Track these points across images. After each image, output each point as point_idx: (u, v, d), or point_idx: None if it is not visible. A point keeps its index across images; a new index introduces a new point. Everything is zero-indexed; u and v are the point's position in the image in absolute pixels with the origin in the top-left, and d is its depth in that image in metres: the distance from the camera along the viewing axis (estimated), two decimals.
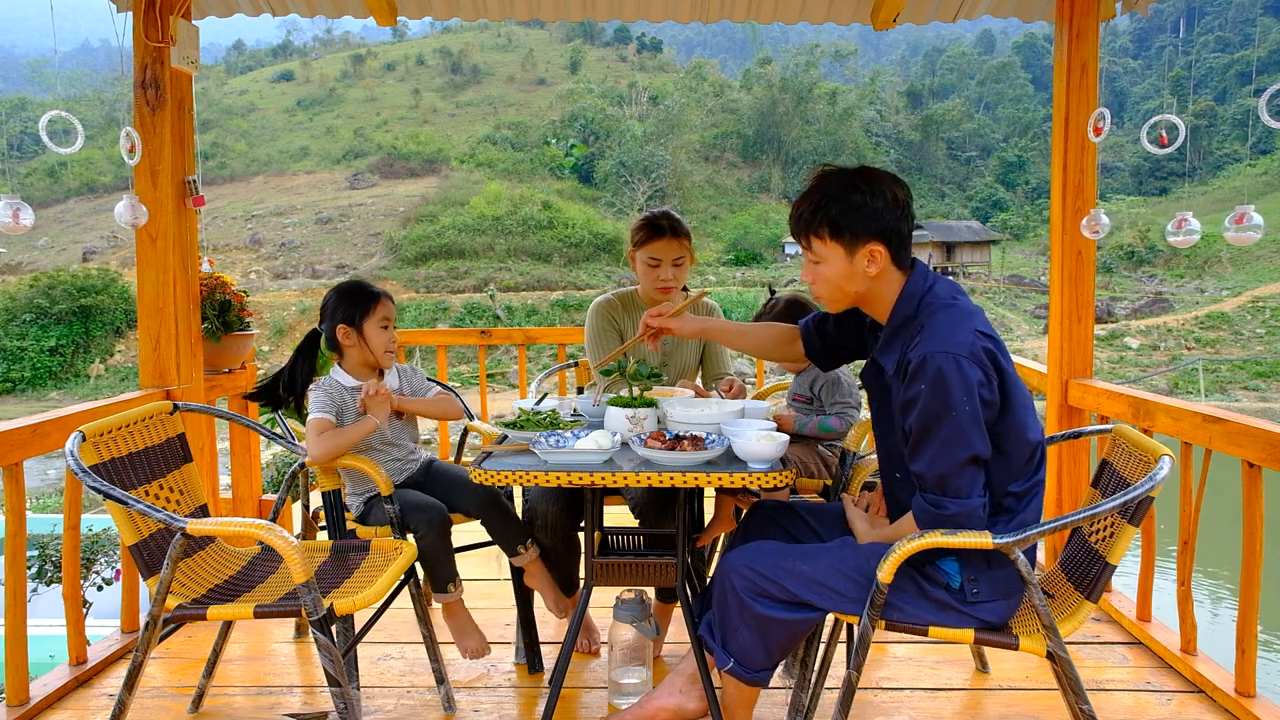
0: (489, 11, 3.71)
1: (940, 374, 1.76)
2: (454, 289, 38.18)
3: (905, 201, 1.91)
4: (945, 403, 1.76)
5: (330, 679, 1.97)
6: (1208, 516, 2.61)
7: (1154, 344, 31.90)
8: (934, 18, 3.65)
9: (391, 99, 65.68)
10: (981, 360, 1.78)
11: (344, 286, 2.65)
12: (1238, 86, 63.41)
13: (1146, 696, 2.55)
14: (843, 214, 1.88)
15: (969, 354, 1.77)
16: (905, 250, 1.93)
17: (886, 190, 1.88)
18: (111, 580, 4.31)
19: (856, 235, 1.88)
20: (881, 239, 1.88)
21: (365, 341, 2.57)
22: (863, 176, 1.90)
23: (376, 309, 2.57)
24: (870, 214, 1.87)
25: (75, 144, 2.66)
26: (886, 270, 1.91)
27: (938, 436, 1.78)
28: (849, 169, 1.93)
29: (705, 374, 3.09)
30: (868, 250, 1.89)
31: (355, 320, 2.56)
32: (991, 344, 1.82)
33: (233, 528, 1.95)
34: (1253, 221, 2.58)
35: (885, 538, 1.96)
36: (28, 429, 2.42)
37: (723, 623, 1.99)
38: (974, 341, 1.79)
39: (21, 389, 29.83)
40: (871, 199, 1.87)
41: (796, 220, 1.96)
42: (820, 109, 60.43)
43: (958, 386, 1.75)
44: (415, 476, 2.67)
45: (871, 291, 1.95)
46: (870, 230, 1.88)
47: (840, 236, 1.89)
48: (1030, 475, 1.89)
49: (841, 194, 1.89)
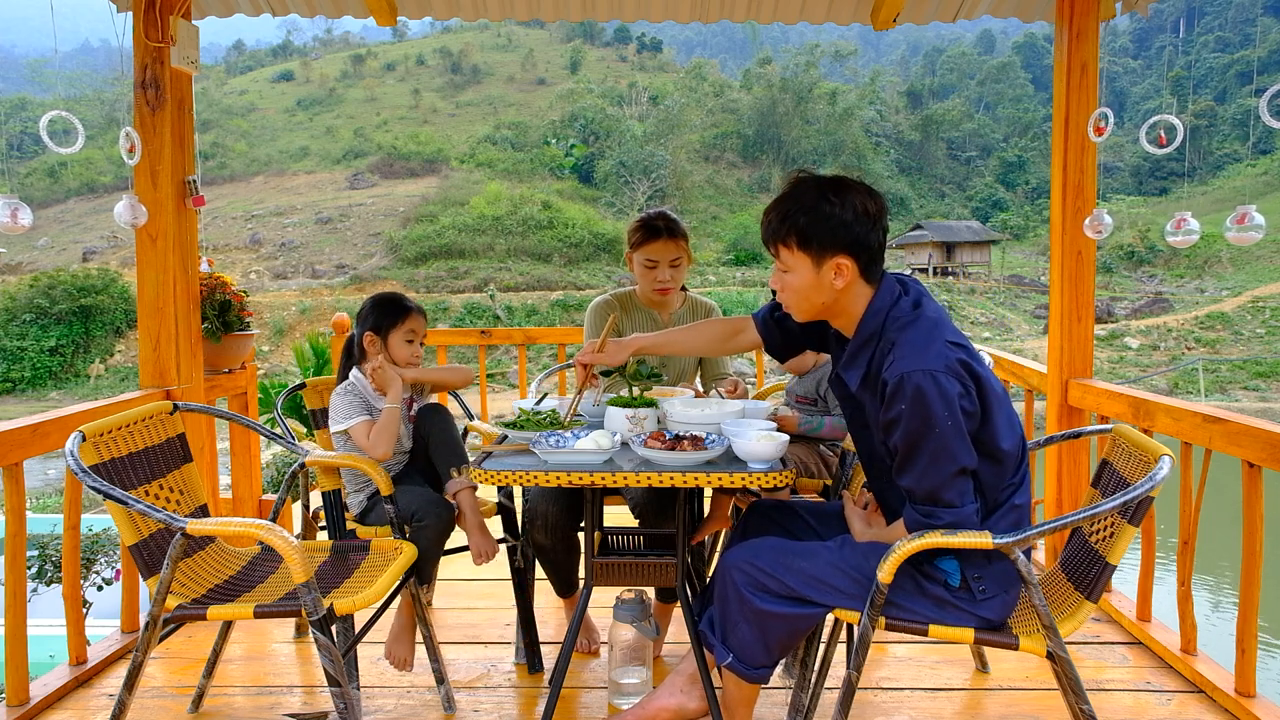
0: (489, 11, 3.71)
1: (919, 392, 1.75)
2: (454, 289, 38.17)
3: (876, 214, 1.87)
4: (927, 420, 1.76)
5: (330, 679, 1.97)
6: (1208, 516, 2.61)
7: (1154, 344, 31.89)
8: (934, 18, 3.65)
9: (391, 99, 65.65)
10: (958, 372, 1.78)
11: (381, 296, 2.74)
12: (1238, 86, 63.42)
13: (1146, 696, 2.55)
14: (810, 224, 1.85)
15: (945, 368, 1.77)
16: (875, 264, 1.91)
17: (857, 202, 1.85)
18: (111, 580, 4.31)
19: (824, 246, 1.85)
20: (849, 252, 1.85)
21: (389, 351, 2.66)
22: (834, 186, 1.86)
23: (405, 322, 2.67)
24: (838, 225, 1.84)
25: (75, 144, 2.66)
26: (854, 284, 1.89)
27: (924, 453, 1.78)
28: (822, 178, 1.89)
29: (704, 375, 3.10)
30: (834, 263, 1.86)
31: (382, 329, 2.66)
32: (964, 353, 1.82)
33: (232, 527, 1.95)
34: (1254, 221, 2.58)
35: (882, 538, 1.97)
36: (28, 429, 2.42)
37: (723, 618, 1.99)
38: (947, 355, 1.79)
39: (21, 389, 29.82)
40: (840, 210, 1.84)
41: (765, 227, 1.94)
42: (820, 109, 60.38)
43: (938, 403, 1.75)
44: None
45: (839, 304, 1.92)
46: (838, 243, 1.85)
47: (808, 247, 1.87)
48: (1014, 471, 1.90)
49: (811, 203, 1.86)
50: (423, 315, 2.74)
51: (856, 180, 1.92)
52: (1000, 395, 1.87)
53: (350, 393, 2.61)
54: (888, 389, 1.81)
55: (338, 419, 2.59)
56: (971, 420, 1.80)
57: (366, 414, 2.59)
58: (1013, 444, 1.87)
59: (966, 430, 1.79)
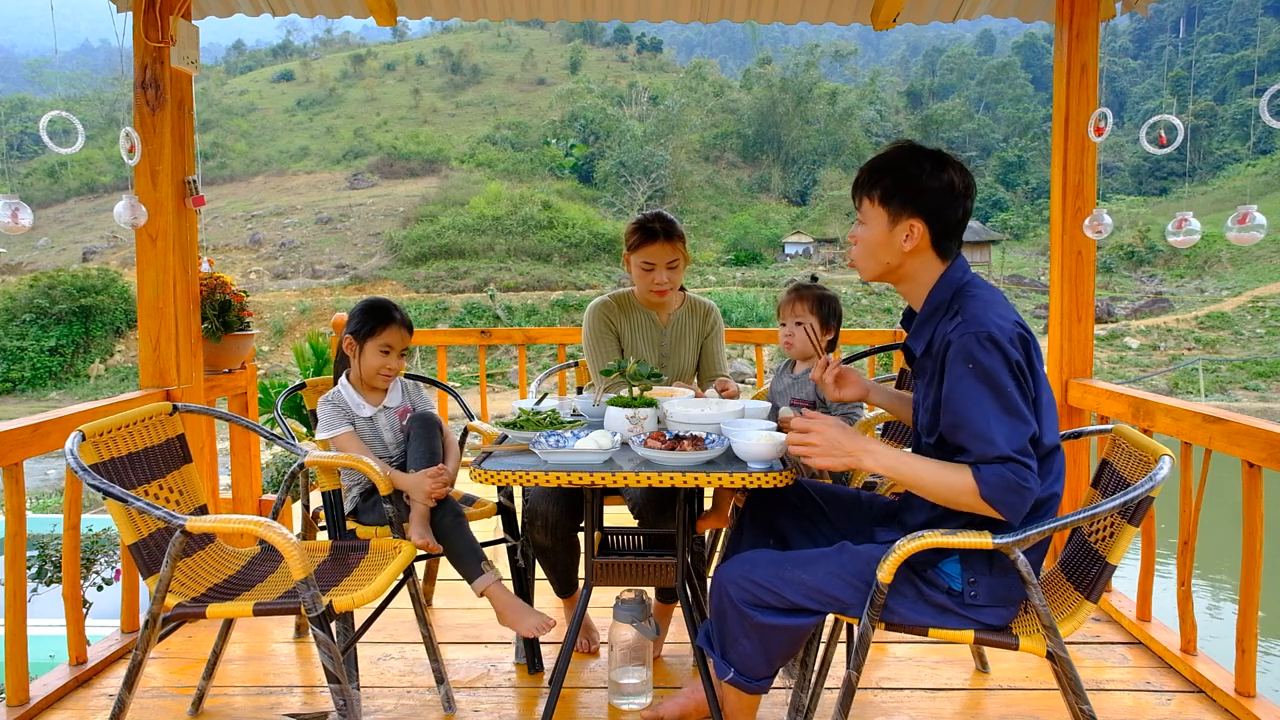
0: (489, 11, 3.71)
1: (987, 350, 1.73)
2: (454, 289, 38.18)
3: (962, 190, 1.88)
4: (996, 380, 1.73)
5: (329, 676, 1.97)
6: (1208, 516, 2.61)
7: (1154, 344, 31.89)
8: (934, 18, 3.65)
9: (391, 99, 65.66)
10: (1019, 345, 1.77)
11: (369, 302, 2.70)
12: (1238, 86, 63.36)
13: (1146, 696, 2.55)
14: (895, 182, 1.89)
15: (1010, 338, 1.75)
16: (949, 239, 1.91)
17: (947, 174, 1.87)
18: (111, 580, 4.31)
19: (903, 206, 1.88)
20: (923, 217, 1.87)
21: (362, 358, 2.63)
22: (930, 155, 1.89)
23: (383, 333, 2.62)
24: (920, 190, 1.86)
25: (75, 144, 2.66)
26: (923, 252, 1.90)
27: (998, 410, 1.72)
28: (922, 147, 1.92)
29: (701, 375, 3.09)
30: (908, 224, 1.87)
31: (360, 336, 2.62)
32: (1029, 336, 1.81)
33: (232, 525, 1.96)
34: (1256, 221, 2.58)
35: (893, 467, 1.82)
36: (28, 429, 2.42)
37: (721, 634, 1.98)
38: (1013, 328, 1.78)
39: (21, 389, 29.82)
40: (927, 177, 1.86)
41: (856, 179, 1.98)
42: (820, 109, 60.35)
43: (1004, 362, 1.73)
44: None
45: (905, 269, 1.93)
46: (916, 205, 1.87)
47: (888, 203, 1.89)
48: (1058, 480, 1.88)
49: (903, 164, 1.89)
50: (406, 329, 2.66)
51: (954, 156, 1.93)
52: (1048, 396, 1.85)
53: (333, 403, 2.62)
54: (950, 350, 1.77)
55: (322, 429, 2.62)
56: (1027, 395, 1.77)
57: (349, 425, 2.60)
58: (1051, 440, 1.84)
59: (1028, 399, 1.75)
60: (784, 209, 52.69)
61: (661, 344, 3.01)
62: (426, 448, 2.56)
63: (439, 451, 2.59)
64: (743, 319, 34.03)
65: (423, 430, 2.60)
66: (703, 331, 3.06)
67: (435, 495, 2.46)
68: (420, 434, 2.59)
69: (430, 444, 2.58)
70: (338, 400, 2.63)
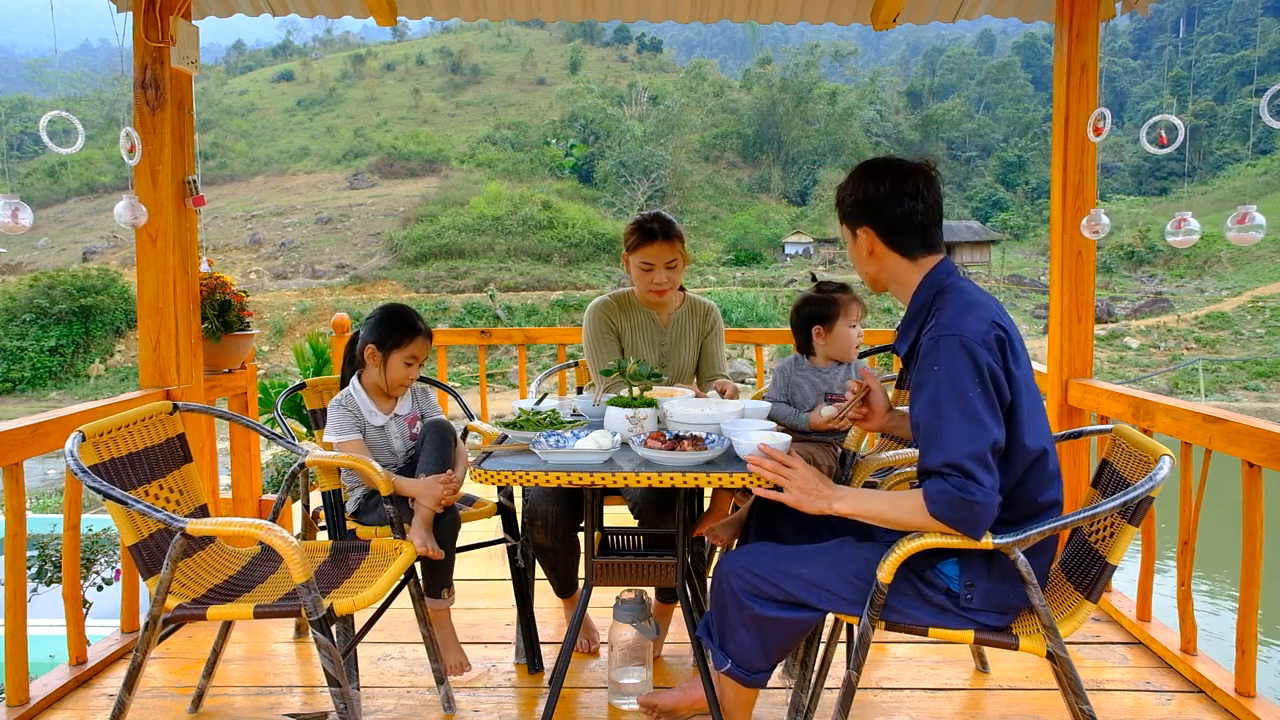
0: (489, 11, 3.71)
1: (952, 354, 1.74)
2: (454, 289, 38.19)
3: (891, 192, 1.92)
4: (957, 381, 1.72)
5: (330, 679, 1.97)
6: (1208, 516, 2.61)
7: (1154, 344, 31.90)
8: (934, 18, 3.65)
9: (391, 99, 65.66)
10: (992, 348, 1.76)
11: (392, 310, 2.67)
12: (1238, 86, 63.35)
13: (1146, 696, 2.55)
14: (838, 203, 2.06)
15: (982, 341, 1.75)
16: (900, 236, 1.94)
17: (876, 178, 1.95)
18: (111, 580, 4.31)
19: (851, 220, 2.01)
20: (868, 223, 1.97)
21: (387, 368, 2.61)
22: (862, 167, 2.01)
23: (410, 345, 2.61)
24: (853, 204, 1.99)
25: (75, 144, 2.66)
26: (886, 254, 1.96)
27: (954, 417, 1.71)
28: (865, 161, 2.03)
29: (701, 375, 3.09)
30: (861, 233, 1.99)
31: (385, 346, 2.60)
32: (1005, 336, 1.80)
33: (232, 527, 1.95)
34: (1255, 221, 2.58)
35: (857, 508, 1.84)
36: (28, 429, 2.42)
37: (720, 624, 2.00)
38: (987, 331, 1.77)
39: (21, 389, 29.84)
40: (853, 189, 1.99)
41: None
42: (820, 109, 60.35)
43: (967, 370, 1.72)
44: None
45: (884, 275, 2.01)
46: (856, 216, 1.99)
47: (844, 222, 2.05)
48: (1050, 485, 1.86)
49: (845, 182, 2.04)
50: (429, 339, 2.68)
51: (895, 158, 1.99)
52: (1034, 395, 1.84)
53: (345, 407, 2.60)
54: (921, 350, 1.81)
55: (330, 431, 2.60)
56: (1002, 399, 1.76)
57: (358, 432, 2.59)
58: (1035, 443, 1.82)
59: (998, 406, 1.74)
60: (784, 209, 52.68)
61: (662, 344, 3.01)
62: (440, 455, 2.56)
63: (450, 459, 2.59)
64: (743, 319, 34.05)
65: (438, 438, 2.59)
66: (703, 331, 3.06)
67: (445, 502, 2.46)
68: (435, 440, 2.59)
69: (444, 451, 2.57)
70: (350, 405, 2.61)
